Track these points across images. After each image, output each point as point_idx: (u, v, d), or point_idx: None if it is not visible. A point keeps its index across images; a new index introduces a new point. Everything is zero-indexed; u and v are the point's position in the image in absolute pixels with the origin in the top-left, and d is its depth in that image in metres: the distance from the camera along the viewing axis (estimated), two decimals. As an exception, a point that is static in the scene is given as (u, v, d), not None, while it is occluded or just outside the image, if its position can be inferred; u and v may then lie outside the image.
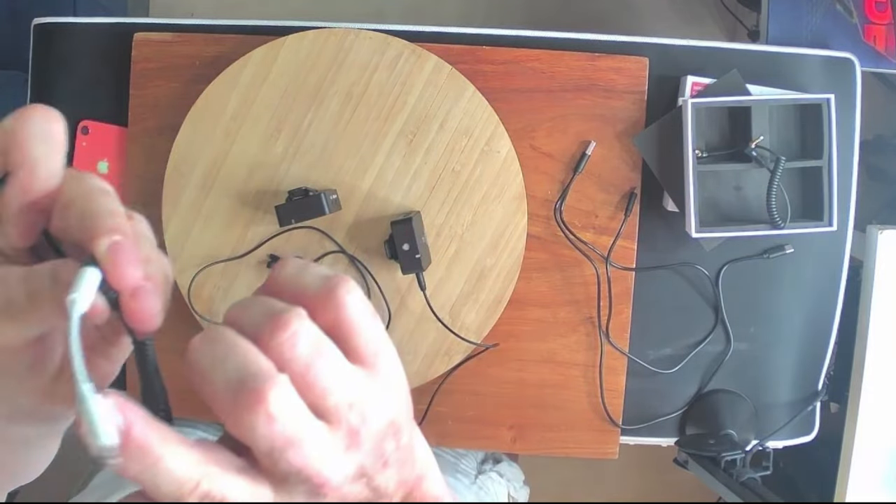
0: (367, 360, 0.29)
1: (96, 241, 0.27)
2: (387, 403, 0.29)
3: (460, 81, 0.86)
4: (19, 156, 0.29)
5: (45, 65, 0.92)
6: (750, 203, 0.86)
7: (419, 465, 0.32)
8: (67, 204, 0.29)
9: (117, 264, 0.27)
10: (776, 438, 0.93)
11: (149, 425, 0.25)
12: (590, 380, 0.91)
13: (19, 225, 0.29)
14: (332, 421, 0.27)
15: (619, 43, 0.89)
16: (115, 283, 0.27)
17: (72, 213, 0.29)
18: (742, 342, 0.92)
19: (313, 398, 0.27)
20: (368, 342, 0.29)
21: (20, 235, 0.30)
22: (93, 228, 0.27)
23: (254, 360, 0.26)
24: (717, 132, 0.86)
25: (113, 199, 0.29)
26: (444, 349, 0.90)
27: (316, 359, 0.27)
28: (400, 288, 0.89)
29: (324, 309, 0.28)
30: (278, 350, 0.26)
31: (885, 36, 1.02)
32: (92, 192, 0.29)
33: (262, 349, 0.27)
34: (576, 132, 0.89)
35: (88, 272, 0.26)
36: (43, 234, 0.30)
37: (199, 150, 0.88)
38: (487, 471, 1.02)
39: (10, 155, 0.29)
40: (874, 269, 0.92)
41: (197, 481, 0.25)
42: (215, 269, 0.89)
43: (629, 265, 0.90)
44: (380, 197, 0.88)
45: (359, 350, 0.29)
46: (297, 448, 0.26)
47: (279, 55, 0.86)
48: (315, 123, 0.87)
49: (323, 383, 0.27)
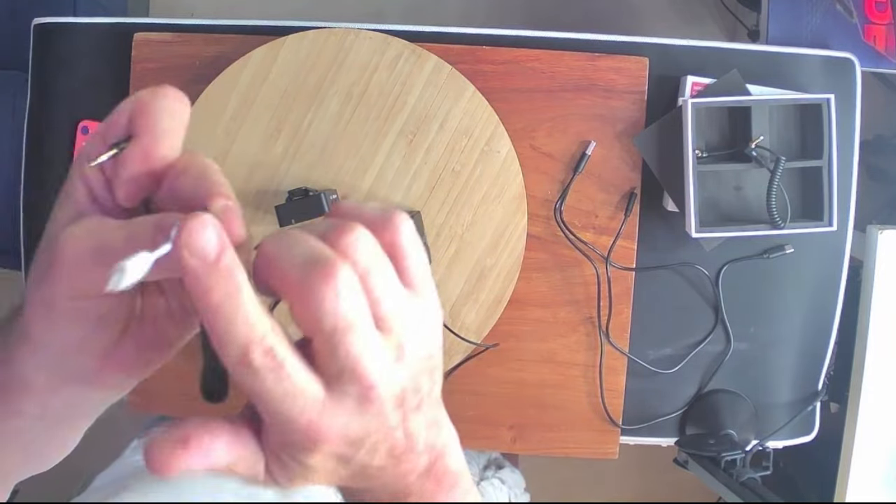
0: (414, 284, 0.31)
1: (214, 199, 0.30)
2: (428, 329, 0.31)
3: (460, 81, 0.86)
4: (148, 123, 0.31)
5: (45, 65, 0.92)
6: (750, 203, 0.86)
7: (444, 434, 0.34)
8: (184, 169, 0.31)
9: (230, 220, 0.29)
10: (776, 438, 0.93)
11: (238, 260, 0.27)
12: (590, 380, 0.91)
13: (130, 187, 0.31)
14: (384, 329, 0.29)
15: (619, 43, 0.89)
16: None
17: (188, 177, 0.31)
18: (742, 342, 0.92)
19: (371, 302, 0.28)
20: (417, 268, 0.31)
21: (127, 196, 0.31)
22: (210, 189, 0.30)
23: (321, 247, 0.28)
24: (717, 132, 0.86)
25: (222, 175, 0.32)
26: (444, 349, 0.90)
27: (374, 265, 0.28)
28: (400, 288, 0.89)
29: (381, 232, 0.30)
30: (343, 250, 0.28)
31: (885, 36, 1.02)
32: (208, 164, 0.32)
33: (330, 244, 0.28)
34: (576, 132, 0.89)
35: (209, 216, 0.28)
36: (144, 202, 0.32)
37: (199, 149, 0.87)
38: (489, 477, 1.02)
39: (139, 120, 0.31)
40: (874, 269, 0.92)
41: (264, 333, 0.27)
42: (215, 269, 0.89)
43: (629, 265, 0.90)
44: (380, 197, 0.88)
45: (408, 273, 0.30)
46: (356, 336, 0.27)
47: (279, 55, 0.86)
48: (315, 123, 0.87)
49: (379, 290, 0.28)
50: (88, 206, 0.32)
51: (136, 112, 0.31)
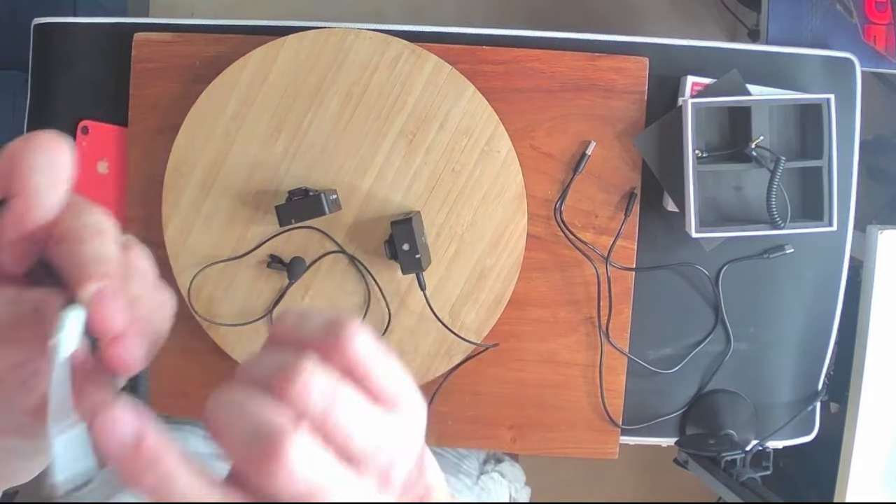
0: (386, 399, 0.28)
1: (81, 287, 0.27)
2: (412, 440, 0.29)
3: (460, 81, 0.86)
4: (19, 184, 0.28)
5: (45, 65, 0.92)
6: (750, 203, 0.86)
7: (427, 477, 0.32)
8: (59, 239, 0.28)
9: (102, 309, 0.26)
10: (776, 438, 0.93)
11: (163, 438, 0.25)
12: (590, 380, 0.91)
13: (13, 252, 0.29)
14: (361, 465, 0.27)
15: (619, 43, 0.89)
16: (99, 329, 0.27)
17: (62, 251, 0.28)
18: (742, 342, 0.92)
19: (338, 445, 0.26)
20: (385, 382, 0.28)
21: (13, 262, 0.29)
22: (79, 273, 0.27)
23: (268, 414, 0.25)
24: (717, 132, 0.86)
25: (105, 242, 0.28)
26: (444, 349, 0.90)
27: (333, 405, 0.26)
28: (400, 288, 0.89)
29: (332, 355, 0.27)
30: (293, 401, 0.26)
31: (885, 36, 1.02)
32: (84, 232, 0.28)
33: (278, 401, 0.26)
34: (576, 132, 0.89)
35: (72, 315, 0.26)
36: (38, 261, 0.30)
37: (199, 150, 0.88)
38: (489, 471, 1.02)
39: (10, 181, 0.28)
40: (874, 269, 0.92)
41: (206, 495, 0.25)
42: (215, 269, 0.89)
43: (629, 265, 0.90)
44: (380, 197, 0.88)
45: (376, 391, 0.28)
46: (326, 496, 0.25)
47: (279, 55, 0.86)
48: (315, 123, 0.87)
49: (345, 429, 0.26)
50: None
51: (7, 171, 0.28)
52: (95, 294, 0.26)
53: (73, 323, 0.26)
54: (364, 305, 0.89)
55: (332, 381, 0.27)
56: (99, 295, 0.27)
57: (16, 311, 0.28)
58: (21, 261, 0.29)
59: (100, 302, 0.26)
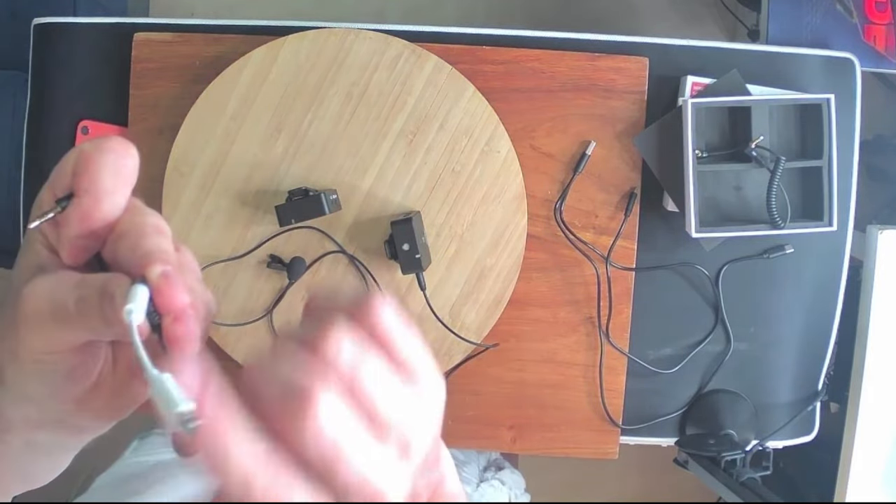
0: (408, 369, 0.29)
1: (149, 268, 0.28)
2: (431, 416, 0.29)
3: (460, 81, 0.86)
4: (88, 182, 0.30)
5: (45, 65, 0.92)
6: (750, 203, 0.86)
7: (442, 465, 0.33)
8: (121, 234, 0.30)
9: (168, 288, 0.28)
10: (776, 438, 0.93)
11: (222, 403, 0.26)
12: (590, 380, 0.91)
13: (72, 247, 0.30)
14: (383, 431, 0.27)
15: (619, 43, 0.89)
16: (164, 306, 0.28)
17: (124, 244, 0.29)
18: (742, 342, 0.92)
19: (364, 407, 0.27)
20: (408, 352, 0.29)
21: (72, 257, 0.31)
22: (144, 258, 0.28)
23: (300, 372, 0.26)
24: (717, 132, 0.86)
25: (165, 239, 0.30)
26: (445, 349, 0.90)
27: (361, 367, 0.27)
28: (400, 288, 0.89)
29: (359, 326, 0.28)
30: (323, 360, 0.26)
31: (885, 36, 1.02)
32: (146, 228, 0.30)
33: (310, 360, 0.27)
34: (576, 132, 0.89)
35: (140, 288, 0.28)
36: (95, 257, 0.31)
37: (199, 150, 0.87)
38: (489, 478, 1.01)
39: (80, 178, 0.30)
40: (874, 269, 0.92)
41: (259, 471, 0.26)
42: (215, 269, 0.89)
43: (629, 265, 0.90)
44: (380, 197, 0.88)
45: (399, 360, 0.29)
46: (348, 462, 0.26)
47: (279, 55, 0.86)
48: (315, 123, 0.87)
49: (371, 392, 0.27)
50: (47, 256, 0.31)
51: (78, 169, 0.30)
52: (162, 273, 0.28)
53: (142, 294, 0.28)
54: (364, 305, 0.89)
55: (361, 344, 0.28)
56: (165, 274, 0.28)
57: (81, 293, 0.29)
58: (79, 256, 0.31)
59: (167, 281, 0.28)
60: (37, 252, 0.31)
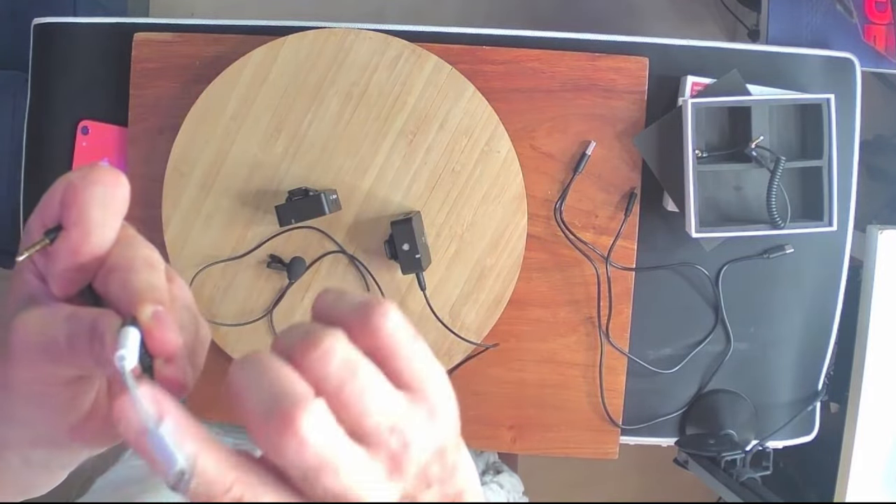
0: (411, 384, 0.28)
1: (140, 307, 0.27)
2: (434, 430, 0.28)
3: (460, 81, 0.86)
4: (77, 215, 0.29)
5: (45, 65, 0.92)
6: (750, 203, 0.86)
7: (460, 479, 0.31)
8: (112, 269, 0.29)
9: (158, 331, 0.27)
10: (776, 438, 0.93)
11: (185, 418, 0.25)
12: (590, 380, 0.91)
13: (62, 280, 0.30)
14: (372, 445, 0.27)
15: (619, 43, 0.89)
16: (155, 349, 0.27)
17: (114, 280, 0.29)
18: (742, 342, 0.92)
19: (350, 420, 0.26)
20: (412, 366, 0.28)
21: (60, 289, 0.30)
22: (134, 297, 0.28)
23: (286, 381, 0.25)
24: (717, 132, 0.86)
25: (157, 274, 0.29)
26: (445, 349, 0.90)
27: (350, 377, 0.26)
28: (400, 288, 0.89)
29: (361, 333, 0.28)
30: (311, 369, 0.26)
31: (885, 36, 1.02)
32: (136, 262, 0.29)
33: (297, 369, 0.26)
34: (576, 132, 0.89)
35: (132, 331, 0.27)
36: (87, 288, 0.31)
37: (199, 150, 0.87)
38: (488, 482, 1.01)
39: (69, 211, 0.29)
40: (874, 269, 0.92)
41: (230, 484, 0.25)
42: (215, 269, 0.89)
43: (629, 265, 0.90)
44: (380, 197, 0.88)
45: (402, 374, 0.28)
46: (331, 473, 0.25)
47: (279, 55, 0.86)
48: (315, 123, 0.87)
49: (359, 404, 0.26)
50: (37, 286, 0.31)
51: (66, 200, 0.29)
52: (153, 314, 0.27)
53: (133, 338, 0.27)
54: (364, 305, 0.89)
55: (353, 355, 0.27)
56: (156, 315, 0.27)
57: (71, 327, 0.28)
58: (69, 288, 0.30)
59: (158, 323, 0.27)
60: (26, 281, 0.31)
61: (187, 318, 0.31)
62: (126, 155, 0.91)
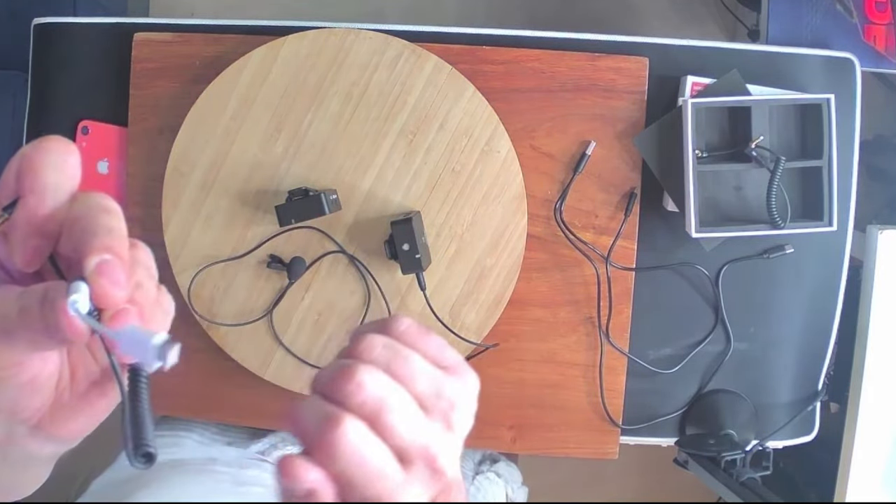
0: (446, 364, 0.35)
1: (87, 258, 0.28)
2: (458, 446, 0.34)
3: (460, 81, 0.86)
4: (32, 181, 0.30)
5: (45, 65, 0.92)
6: (750, 203, 0.86)
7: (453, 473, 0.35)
8: (73, 221, 0.30)
9: (102, 283, 0.27)
10: (776, 438, 0.93)
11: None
12: (590, 380, 0.91)
13: (25, 250, 0.30)
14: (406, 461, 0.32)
15: (619, 43, 0.89)
16: (98, 301, 0.27)
17: (74, 231, 0.29)
18: (742, 342, 0.92)
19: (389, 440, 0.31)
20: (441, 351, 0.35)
21: (25, 260, 0.30)
22: (88, 245, 0.28)
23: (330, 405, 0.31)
24: (717, 132, 0.86)
25: (114, 218, 0.30)
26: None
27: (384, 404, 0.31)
28: (400, 288, 0.89)
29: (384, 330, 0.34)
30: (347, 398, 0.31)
31: (885, 36, 1.02)
32: (94, 210, 0.30)
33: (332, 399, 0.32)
34: (576, 132, 0.89)
35: (81, 284, 0.27)
36: (49, 259, 0.31)
37: (199, 150, 0.87)
38: (485, 471, 1.01)
39: (24, 179, 0.30)
40: (874, 269, 0.92)
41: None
42: (215, 269, 0.89)
43: (629, 265, 0.90)
44: (380, 197, 0.88)
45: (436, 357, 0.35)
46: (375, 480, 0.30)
47: (279, 55, 0.86)
48: (315, 123, 0.87)
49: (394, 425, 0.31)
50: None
51: (21, 170, 0.30)
52: (98, 264, 0.28)
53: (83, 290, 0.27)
54: (364, 305, 0.89)
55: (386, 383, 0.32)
56: (102, 265, 0.28)
57: (23, 301, 0.28)
58: (33, 258, 0.30)
59: (102, 273, 0.28)
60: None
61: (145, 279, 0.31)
62: (126, 155, 0.91)
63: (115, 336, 0.27)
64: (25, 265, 0.30)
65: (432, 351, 0.35)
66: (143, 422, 0.28)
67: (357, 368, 0.31)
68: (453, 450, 0.34)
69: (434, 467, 0.32)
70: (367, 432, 0.31)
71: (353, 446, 0.30)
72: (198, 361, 0.92)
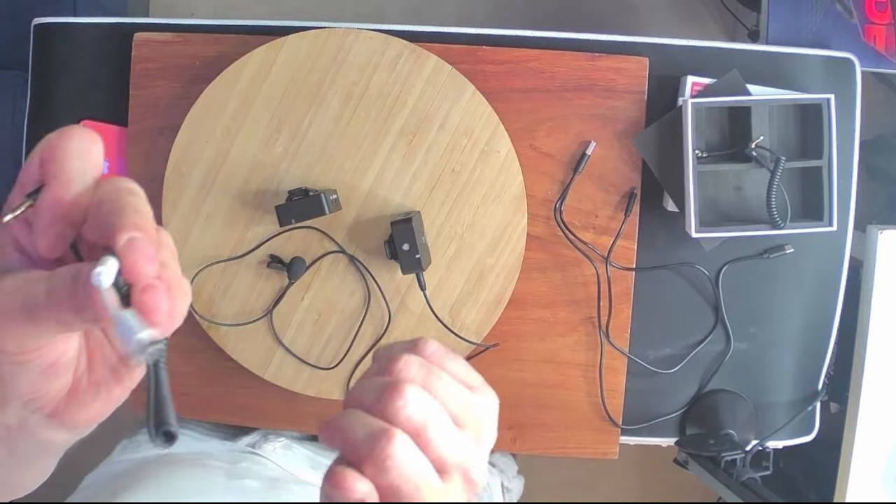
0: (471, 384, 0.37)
1: (117, 235, 0.28)
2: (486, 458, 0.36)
3: (460, 81, 0.86)
4: (56, 168, 0.30)
5: (45, 65, 0.92)
6: (750, 203, 0.86)
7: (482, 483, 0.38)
8: (99, 203, 0.30)
9: (133, 257, 0.28)
10: (776, 438, 0.93)
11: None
12: (590, 380, 0.91)
13: (48, 236, 0.30)
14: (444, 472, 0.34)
15: (619, 43, 0.89)
16: (129, 275, 0.28)
17: (101, 212, 0.30)
18: (742, 342, 0.92)
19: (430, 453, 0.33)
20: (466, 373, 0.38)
21: (48, 246, 0.31)
22: (116, 224, 0.29)
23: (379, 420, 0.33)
24: (717, 132, 0.86)
25: (140, 199, 0.31)
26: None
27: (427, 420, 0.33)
28: (400, 288, 0.89)
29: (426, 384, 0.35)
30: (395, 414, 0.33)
31: (885, 36, 1.02)
32: (120, 191, 0.31)
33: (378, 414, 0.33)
34: (576, 132, 0.89)
35: (110, 258, 0.28)
36: (70, 247, 0.31)
37: (199, 150, 0.87)
38: None
39: (48, 166, 0.30)
40: (874, 269, 0.92)
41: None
42: (215, 269, 0.89)
43: (629, 265, 0.90)
44: (380, 197, 0.88)
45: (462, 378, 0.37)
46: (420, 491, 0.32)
47: (279, 55, 0.86)
48: (315, 123, 0.87)
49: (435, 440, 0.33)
50: (18, 259, 0.32)
51: (45, 157, 0.31)
52: (129, 241, 0.28)
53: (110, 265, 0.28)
54: (364, 305, 0.89)
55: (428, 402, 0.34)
56: (132, 241, 0.28)
57: (51, 284, 0.29)
58: (56, 245, 0.31)
59: (132, 248, 0.28)
60: (6, 255, 0.32)
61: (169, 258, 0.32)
62: (126, 155, 0.91)
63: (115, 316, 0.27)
64: (48, 251, 0.31)
65: (459, 371, 0.37)
66: (164, 402, 0.29)
67: (405, 386, 0.33)
68: (483, 462, 0.36)
69: (469, 478, 0.34)
70: (413, 446, 0.32)
71: (402, 459, 0.32)
72: (198, 361, 0.92)
